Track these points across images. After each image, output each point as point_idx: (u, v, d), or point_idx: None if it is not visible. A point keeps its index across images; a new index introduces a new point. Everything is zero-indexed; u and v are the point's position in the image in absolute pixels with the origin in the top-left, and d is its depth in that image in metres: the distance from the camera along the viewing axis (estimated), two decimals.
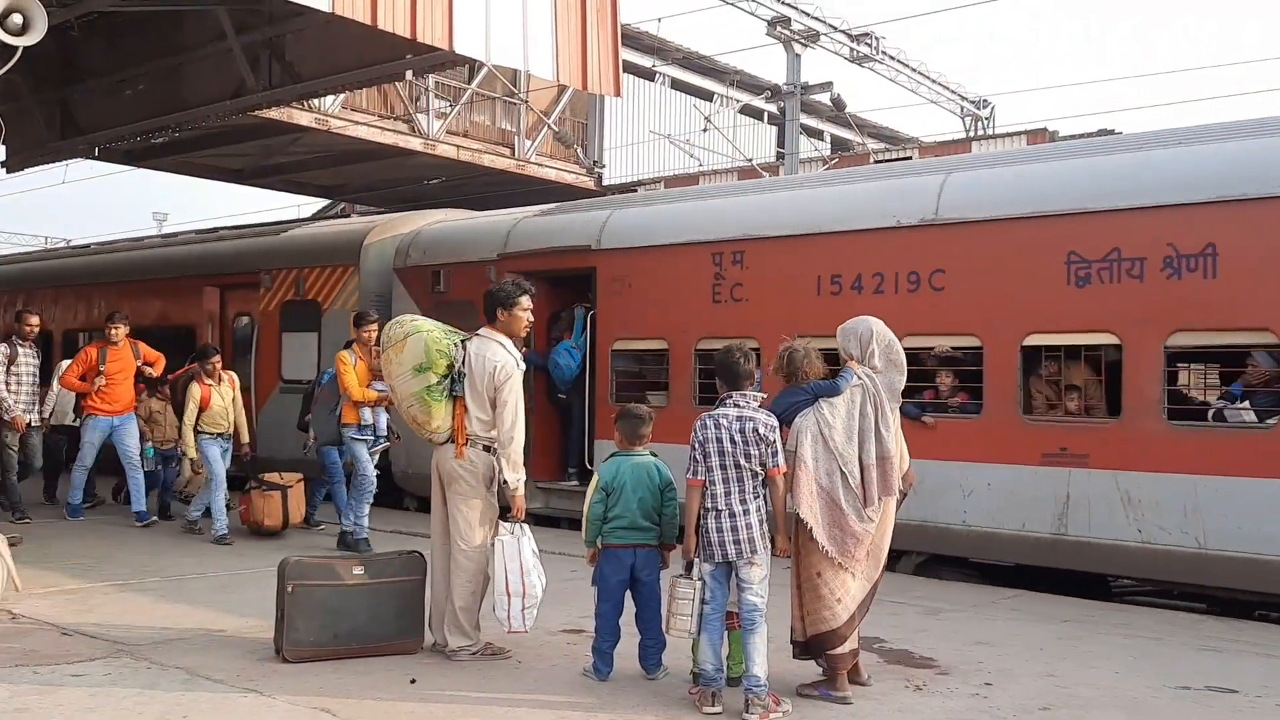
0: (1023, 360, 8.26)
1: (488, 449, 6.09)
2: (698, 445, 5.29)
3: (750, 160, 22.27)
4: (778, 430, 5.31)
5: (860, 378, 5.44)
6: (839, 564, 5.30)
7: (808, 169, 20.48)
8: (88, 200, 51.24)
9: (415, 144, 19.64)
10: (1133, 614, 7.64)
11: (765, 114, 26.62)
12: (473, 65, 18.54)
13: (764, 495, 5.30)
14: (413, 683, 5.52)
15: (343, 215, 23.26)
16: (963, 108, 27.02)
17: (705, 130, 22.88)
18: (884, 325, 5.62)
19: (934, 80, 25.78)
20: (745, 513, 5.19)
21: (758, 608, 5.16)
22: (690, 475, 5.30)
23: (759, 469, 5.24)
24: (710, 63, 25.30)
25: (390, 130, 19.22)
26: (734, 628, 5.30)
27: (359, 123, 18.48)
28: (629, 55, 20.77)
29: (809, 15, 21.62)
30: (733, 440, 5.22)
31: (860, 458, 5.34)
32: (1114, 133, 15.47)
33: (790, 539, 5.37)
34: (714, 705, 5.12)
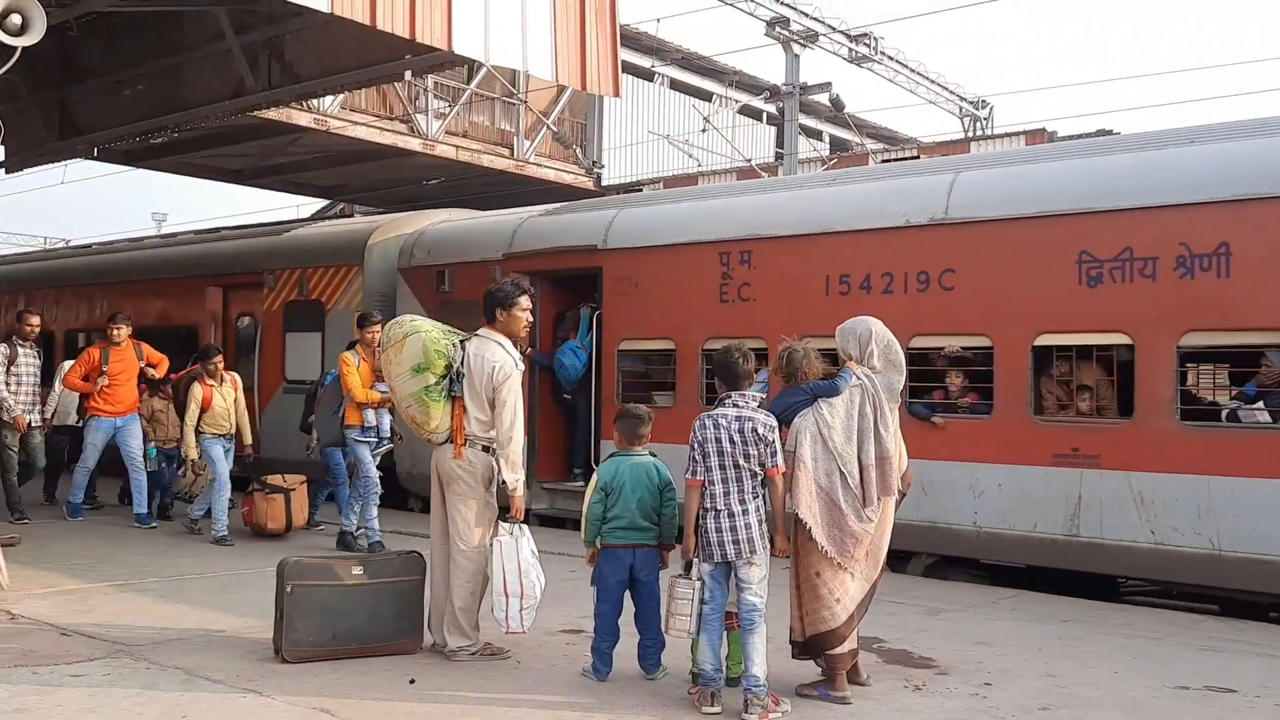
0: (1034, 360, 8.20)
1: (487, 449, 6.10)
2: (697, 445, 5.29)
3: (749, 161, 22.27)
4: (777, 430, 5.31)
5: (859, 378, 5.44)
6: (838, 564, 5.31)
7: (806, 169, 20.49)
8: (87, 200, 51.15)
9: (414, 144, 19.64)
10: (1132, 614, 7.64)
11: (764, 114, 26.60)
12: (472, 65, 18.55)
13: (763, 495, 5.30)
14: (412, 683, 5.52)
15: (342, 215, 23.23)
16: (961, 108, 27.04)
17: (704, 131, 22.88)
18: (883, 325, 5.62)
19: (933, 80, 25.81)
20: (744, 513, 5.19)
21: (757, 608, 5.16)
22: (689, 475, 5.30)
23: (758, 469, 5.24)
24: (709, 63, 25.29)
25: (389, 130, 19.22)
26: (733, 628, 5.30)
27: (358, 123, 18.48)
28: (628, 55, 20.73)
29: (808, 16, 21.65)
30: (732, 440, 5.22)
31: (859, 458, 5.35)
32: (1113, 133, 15.45)
33: (789, 539, 5.37)
34: (713, 705, 5.12)
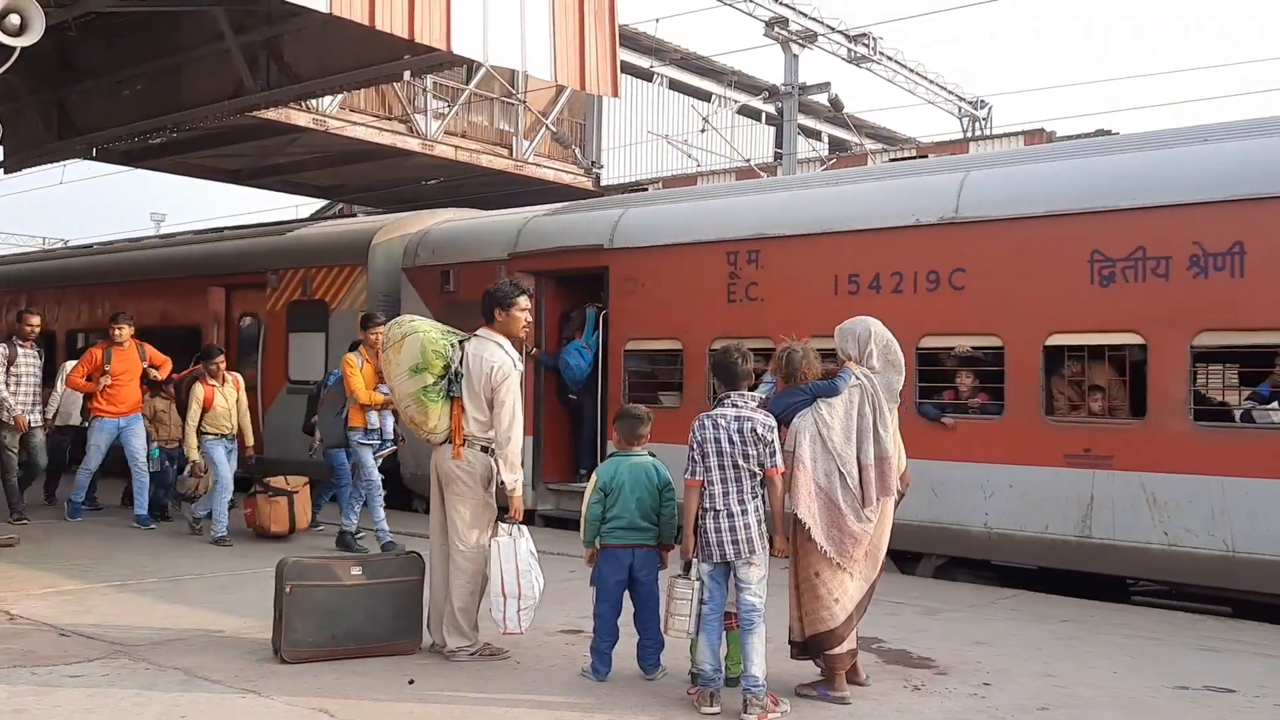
0: (1045, 360, 8.15)
1: (485, 449, 6.10)
2: (696, 445, 5.29)
3: (748, 161, 22.27)
4: (776, 430, 5.31)
5: (858, 378, 5.44)
6: (837, 564, 5.30)
7: (805, 169, 20.48)
8: (85, 200, 51.28)
9: (413, 144, 19.65)
10: (1131, 614, 7.63)
11: (763, 114, 26.62)
12: (470, 66, 18.57)
13: (762, 495, 5.30)
14: (411, 683, 5.51)
15: (341, 215, 23.21)
16: (960, 108, 27.05)
17: (703, 131, 22.89)
18: (882, 325, 5.61)
19: (931, 80, 25.82)
20: (743, 513, 5.19)
21: (756, 608, 5.15)
22: (688, 475, 5.30)
23: (757, 469, 5.24)
24: (708, 63, 25.31)
25: (388, 131, 19.23)
26: (732, 628, 5.30)
27: (357, 123, 18.48)
28: (627, 55, 20.76)
29: (806, 16, 21.66)
30: (731, 440, 5.21)
31: (858, 458, 5.35)
32: (1112, 133, 15.44)
33: (788, 539, 5.37)
34: (712, 705, 5.12)
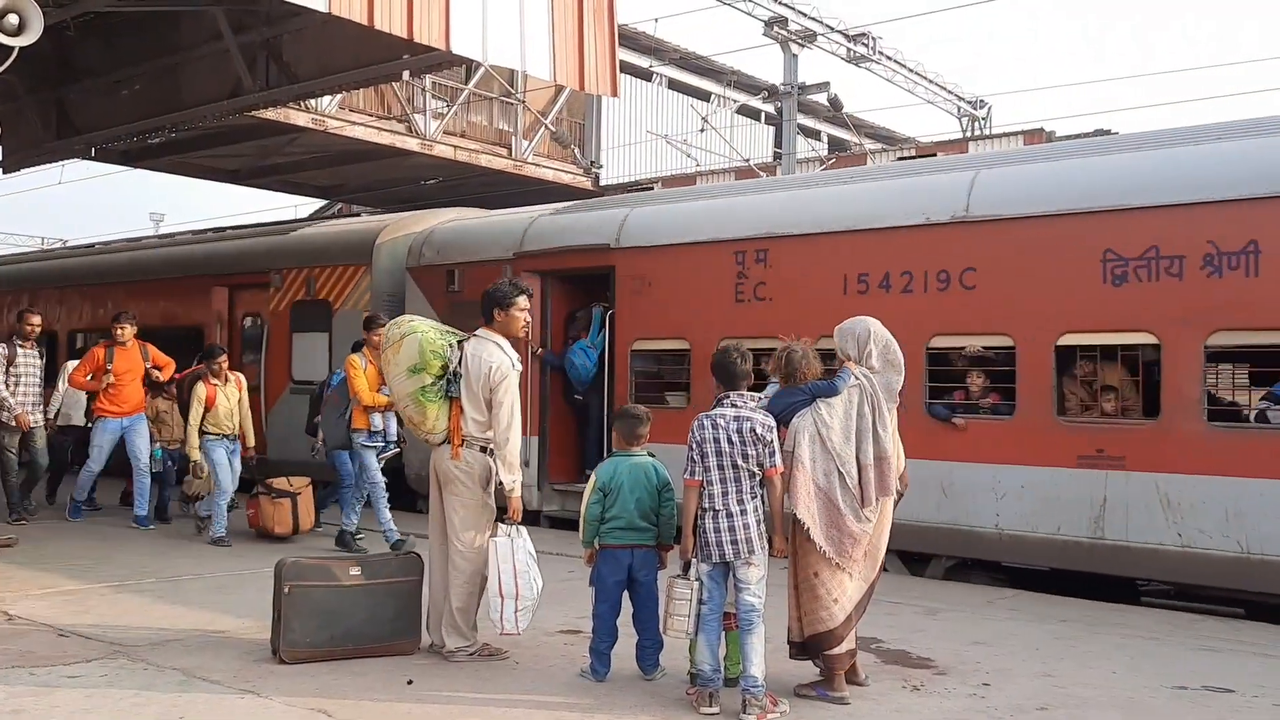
0: (1057, 360, 8.11)
1: (484, 450, 6.09)
2: (695, 445, 5.28)
3: (747, 160, 22.27)
4: (775, 430, 5.31)
5: (857, 378, 5.43)
6: (836, 564, 5.30)
7: (805, 169, 20.48)
8: (84, 200, 51.32)
9: (412, 144, 19.65)
10: (1130, 614, 7.62)
11: (762, 114, 26.63)
12: (470, 65, 18.56)
13: (761, 495, 5.30)
14: (410, 683, 5.51)
15: (340, 215, 23.20)
16: (959, 108, 27.07)
17: (702, 130, 22.88)
18: (881, 325, 5.61)
19: (931, 80, 25.84)
20: (742, 513, 5.19)
21: (755, 608, 5.15)
22: (687, 475, 5.29)
23: (756, 469, 5.24)
24: (707, 63, 25.31)
25: (387, 130, 19.23)
26: (731, 628, 5.30)
27: (356, 123, 18.49)
28: (626, 55, 20.76)
29: (806, 15, 21.68)
30: (730, 440, 5.21)
31: (857, 458, 5.34)
32: (1110, 133, 15.42)
33: (787, 539, 5.37)
34: (711, 706, 5.12)
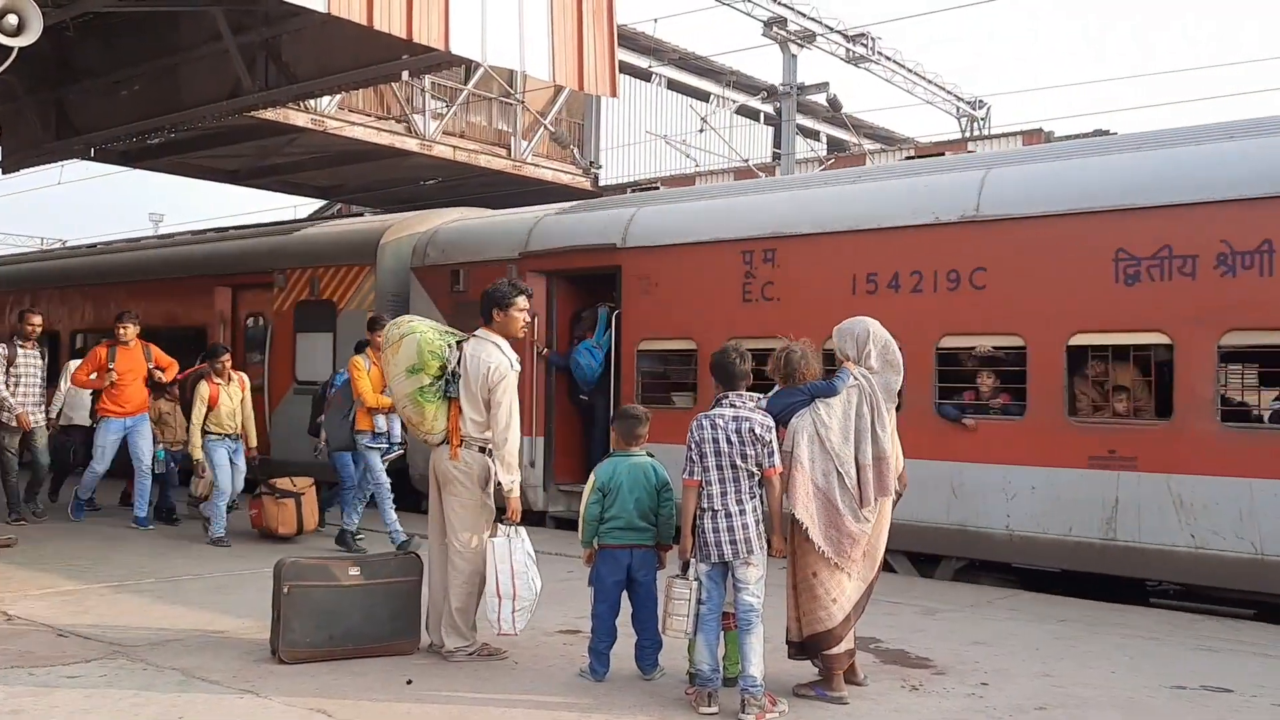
0: (1068, 360, 8.08)
1: (483, 450, 6.09)
2: (694, 445, 5.29)
3: (746, 161, 22.27)
4: (774, 430, 5.31)
5: (857, 378, 5.44)
6: (835, 564, 5.31)
7: (804, 170, 20.48)
8: (84, 201, 51.16)
9: (411, 144, 19.65)
10: (1129, 614, 7.62)
11: (761, 114, 26.64)
12: (469, 66, 18.56)
13: (760, 495, 5.30)
14: (409, 683, 5.51)
15: (340, 216, 23.19)
16: (959, 108, 27.07)
17: (701, 131, 22.88)
18: (880, 326, 5.61)
19: (930, 80, 25.83)
20: (741, 513, 5.19)
21: (754, 608, 5.16)
22: (686, 475, 5.29)
23: (755, 469, 5.24)
24: (706, 63, 25.32)
25: (386, 131, 19.23)
26: (730, 628, 5.31)
27: (355, 123, 18.48)
28: (625, 56, 20.78)
29: (805, 16, 21.67)
30: (729, 440, 5.22)
31: (856, 458, 5.35)
32: (1110, 133, 15.42)
33: (786, 539, 5.37)
34: (710, 706, 5.12)
